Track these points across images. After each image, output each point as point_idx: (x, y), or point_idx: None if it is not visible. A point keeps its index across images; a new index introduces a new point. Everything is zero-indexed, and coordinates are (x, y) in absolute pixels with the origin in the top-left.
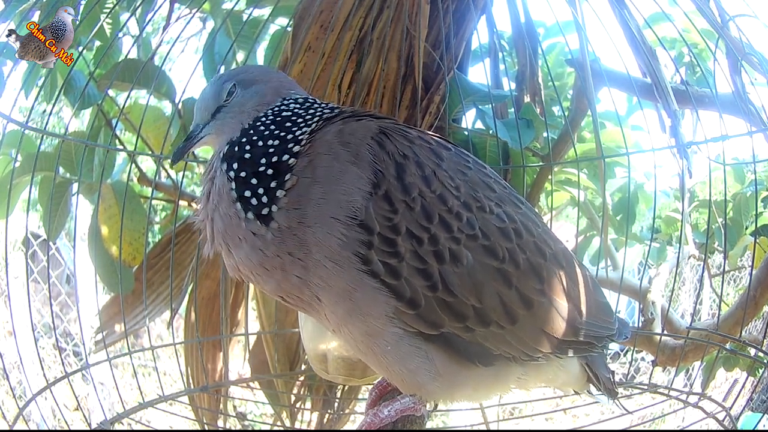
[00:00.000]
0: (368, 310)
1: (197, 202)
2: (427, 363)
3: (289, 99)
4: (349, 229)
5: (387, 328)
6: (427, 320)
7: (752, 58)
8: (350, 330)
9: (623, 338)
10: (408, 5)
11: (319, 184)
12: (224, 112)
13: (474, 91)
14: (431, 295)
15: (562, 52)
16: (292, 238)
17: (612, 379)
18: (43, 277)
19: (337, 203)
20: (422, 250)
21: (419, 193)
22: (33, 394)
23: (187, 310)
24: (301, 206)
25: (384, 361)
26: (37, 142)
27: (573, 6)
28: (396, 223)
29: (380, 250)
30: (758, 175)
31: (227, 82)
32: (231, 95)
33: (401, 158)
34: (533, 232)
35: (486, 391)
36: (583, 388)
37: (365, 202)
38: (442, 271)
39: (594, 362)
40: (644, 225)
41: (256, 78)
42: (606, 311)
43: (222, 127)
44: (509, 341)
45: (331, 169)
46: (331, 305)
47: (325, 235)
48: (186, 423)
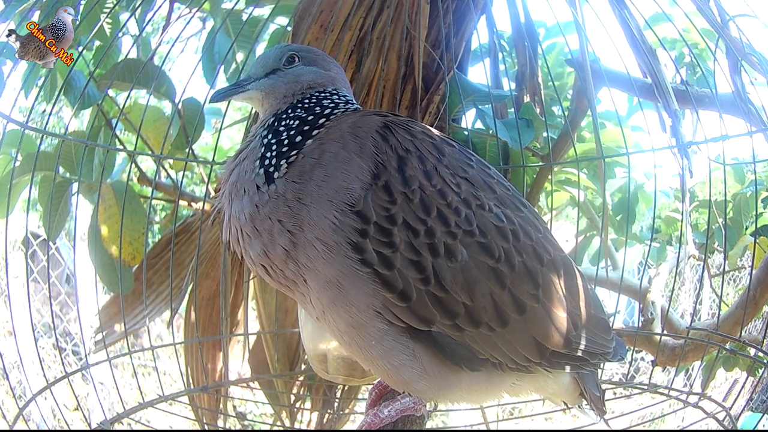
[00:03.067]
0: (354, 301)
1: (217, 187)
2: (413, 361)
3: (336, 92)
4: (344, 215)
5: (372, 322)
6: (417, 315)
7: (752, 58)
8: (334, 319)
9: (618, 359)
10: (408, 5)
11: (323, 168)
12: (279, 76)
13: (474, 91)
14: (423, 288)
15: (562, 52)
16: (285, 208)
17: (602, 398)
18: (43, 277)
19: (335, 188)
20: (417, 242)
21: (419, 186)
22: (33, 394)
23: (187, 310)
24: (301, 182)
25: (368, 354)
26: (37, 142)
27: (573, 6)
28: (393, 214)
29: (375, 240)
30: (758, 175)
31: (293, 51)
32: (291, 63)
33: (404, 152)
34: (532, 237)
35: (480, 394)
36: (575, 402)
37: (364, 192)
38: (436, 264)
39: (584, 379)
40: (644, 225)
41: (319, 61)
42: (603, 328)
43: (273, 89)
44: (498, 345)
45: (336, 155)
46: (316, 290)
47: (319, 216)
48: (186, 423)
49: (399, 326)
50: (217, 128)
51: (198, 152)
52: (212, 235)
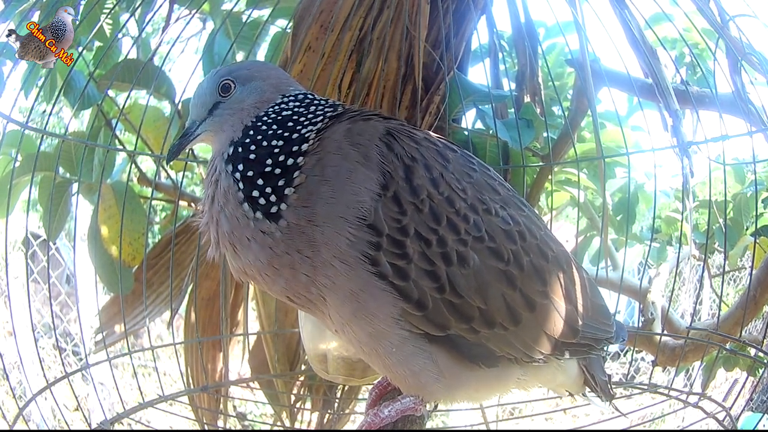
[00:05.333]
0: (375, 311)
1: (200, 204)
2: (431, 364)
3: (289, 96)
4: (358, 230)
5: (392, 330)
6: (434, 322)
7: (752, 58)
8: (355, 331)
9: (620, 341)
10: (408, 5)
11: (328, 184)
12: (222, 109)
13: (474, 91)
14: (438, 296)
15: (562, 52)
16: (300, 235)
17: (609, 382)
18: (43, 277)
19: (345, 203)
20: (430, 251)
21: (427, 195)
22: (33, 394)
23: (187, 310)
24: (310, 204)
25: (388, 361)
26: (37, 142)
27: (573, 6)
28: (405, 225)
29: (389, 252)
30: (758, 175)
31: (224, 78)
32: (228, 91)
33: (410, 160)
34: (536, 235)
35: (487, 391)
36: (580, 390)
37: (374, 204)
38: (450, 272)
39: (591, 365)
40: (644, 225)
41: (254, 74)
42: (604, 314)
43: (221, 124)
44: (512, 342)
45: (339, 168)
46: (336, 305)
47: (334, 235)
48: (186, 423)
49: (418, 331)
50: None
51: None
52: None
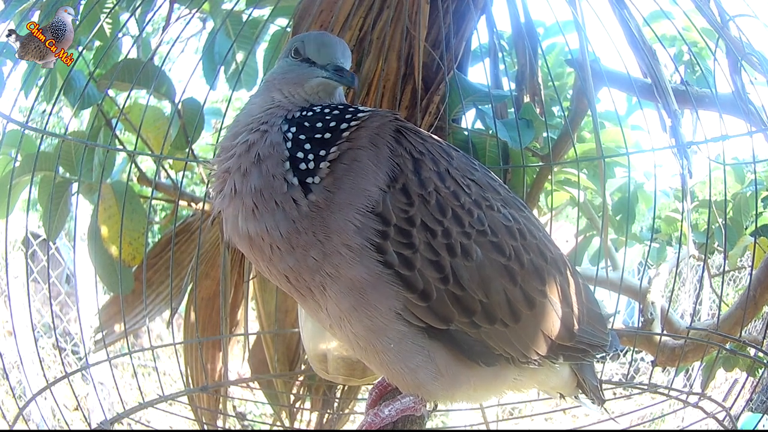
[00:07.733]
0: (376, 304)
1: (220, 148)
2: (429, 362)
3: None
4: (366, 217)
5: (392, 325)
6: (437, 314)
7: (752, 58)
8: (353, 325)
9: (614, 351)
10: (408, 5)
11: (352, 174)
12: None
13: (474, 91)
14: (442, 287)
15: (562, 52)
16: (320, 218)
17: (600, 387)
18: (43, 277)
19: (357, 193)
20: (436, 242)
21: (434, 188)
22: (33, 394)
23: (187, 310)
24: (333, 190)
25: (385, 358)
26: (37, 142)
27: (573, 6)
28: (412, 216)
29: (395, 241)
30: (758, 175)
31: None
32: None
33: (418, 154)
34: (536, 235)
35: (485, 390)
36: (572, 393)
37: (383, 195)
38: (454, 264)
39: (583, 369)
40: (644, 225)
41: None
42: (600, 321)
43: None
44: (511, 340)
45: (360, 162)
46: (336, 297)
47: (344, 221)
48: (186, 423)
49: (417, 327)
50: (217, 128)
51: (198, 152)
52: (212, 235)
